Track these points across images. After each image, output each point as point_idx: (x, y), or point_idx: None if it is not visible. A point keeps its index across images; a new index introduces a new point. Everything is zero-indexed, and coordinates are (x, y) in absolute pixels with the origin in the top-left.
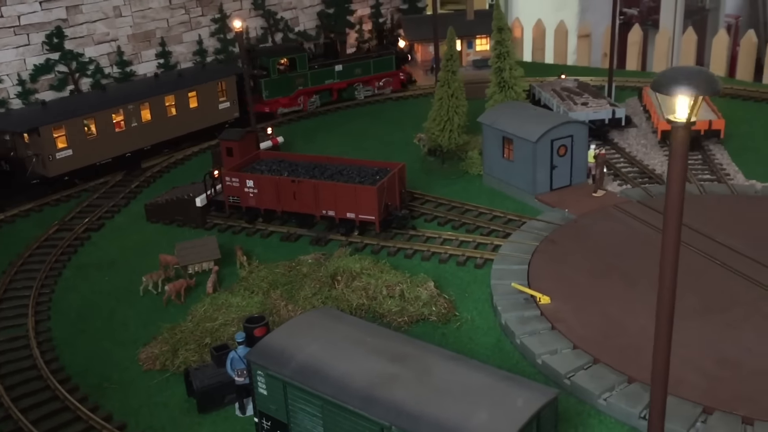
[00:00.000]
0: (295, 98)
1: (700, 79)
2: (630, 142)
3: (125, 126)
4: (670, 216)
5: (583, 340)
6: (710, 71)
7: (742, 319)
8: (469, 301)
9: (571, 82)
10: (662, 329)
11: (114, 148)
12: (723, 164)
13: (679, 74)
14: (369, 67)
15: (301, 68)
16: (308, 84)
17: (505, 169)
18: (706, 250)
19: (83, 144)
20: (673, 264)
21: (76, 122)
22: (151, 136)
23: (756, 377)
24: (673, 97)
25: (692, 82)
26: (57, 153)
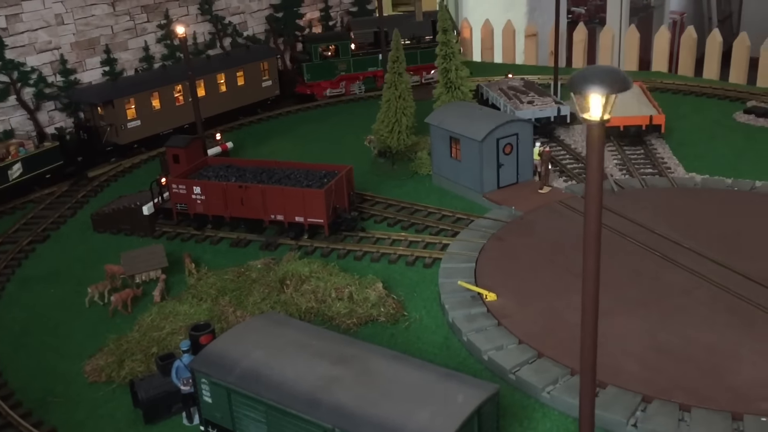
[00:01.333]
0: (337, 83)
1: (611, 78)
2: (575, 139)
3: (183, 101)
4: (590, 209)
5: (528, 335)
6: (621, 70)
7: (680, 308)
8: (418, 300)
9: (517, 81)
10: (588, 325)
11: (174, 120)
12: (664, 158)
13: (591, 74)
14: (415, 57)
15: (343, 55)
16: (350, 70)
17: (453, 168)
18: (646, 243)
19: (149, 115)
20: (595, 254)
21: (144, 96)
22: (205, 110)
23: (693, 364)
24: (587, 96)
25: (603, 81)
26: (128, 123)
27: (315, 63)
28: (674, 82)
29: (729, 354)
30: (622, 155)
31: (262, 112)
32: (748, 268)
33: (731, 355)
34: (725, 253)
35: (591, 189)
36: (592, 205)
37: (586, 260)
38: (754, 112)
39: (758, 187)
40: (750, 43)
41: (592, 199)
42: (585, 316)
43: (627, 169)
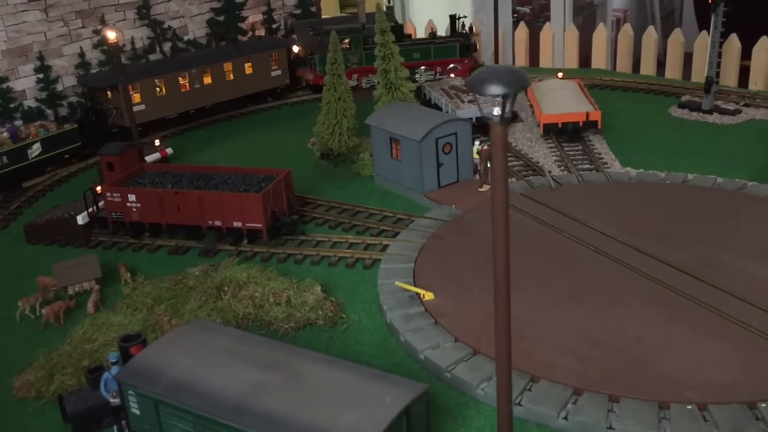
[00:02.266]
0: (348, 75)
1: (510, 77)
2: (516, 137)
3: (189, 87)
4: (497, 206)
5: (464, 333)
6: (520, 69)
7: (613, 300)
8: (357, 302)
9: (459, 80)
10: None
11: (180, 105)
12: (601, 153)
13: (490, 74)
14: (429, 52)
15: (355, 48)
16: (362, 63)
17: (394, 169)
18: (582, 237)
19: (154, 100)
20: (504, 251)
21: (149, 82)
22: (212, 97)
23: (622, 356)
24: (487, 96)
25: (502, 80)
26: (133, 107)
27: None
28: (612, 78)
29: (658, 344)
30: (561, 152)
31: (273, 101)
32: (677, 258)
33: (660, 345)
34: (656, 245)
35: (496, 185)
36: (498, 200)
37: (495, 257)
38: (687, 107)
39: (690, 179)
40: (684, 39)
41: (498, 196)
42: (497, 314)
43: (565, 165)
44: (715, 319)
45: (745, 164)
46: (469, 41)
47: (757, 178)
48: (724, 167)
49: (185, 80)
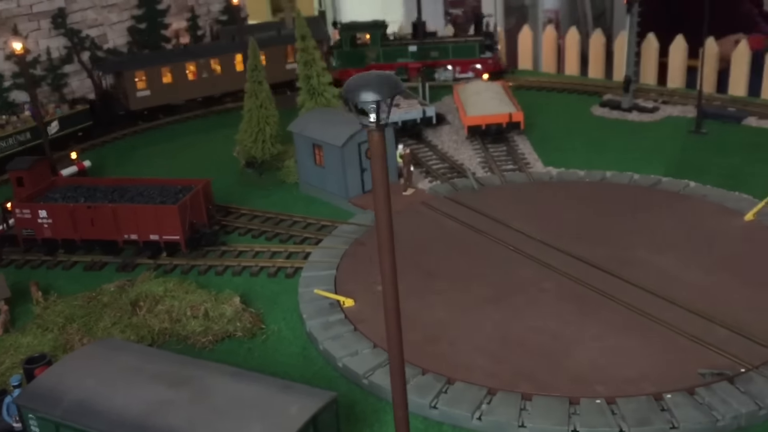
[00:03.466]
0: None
1: (382, 84)
2: (443, 139)
3: (197, 76)
4: (380, 212)
5: (383, 338)
6: (392, 75)
7: (529, 300)
8: (278, 311)
9: None
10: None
11: (186, 93)
12: (525, 154)
13: (363, 81)
14: (447, 51)
15: (373, 44)
16: (380, 60)
17: (318, 175)
18: (502, 238)
19: (159, 87)
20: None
21: (153, 70)
22: (219, 87)
23: (537, 354)
24: (362, 102)
25: (374, 87)
26: (137, 92)
27: (345, 50)
28: (538, 79)
29: (572, 341)
30: (486, 153)
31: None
32: (593, 255)
33: (574, 342)
34: (574, 243)
35: (378, 189)
36: (381, 202)
37: (382, 260)
38: (608, 105)
39: (608, 177)
40: (605, 39)
41: (379, 200)
42: (388, 324)
43: (489, 166)
44: (627, 314)
45: (661, 160)
46: (490, 41)
47: (672, 174)
48: (642, 164)
49: (193, 69)
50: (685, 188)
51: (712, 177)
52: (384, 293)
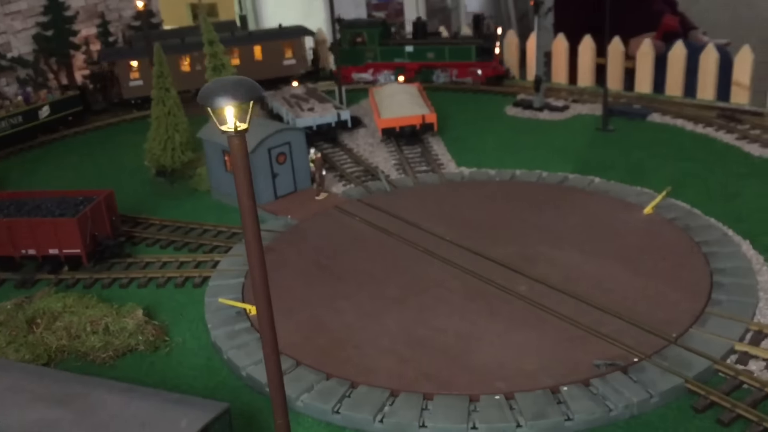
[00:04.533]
0: (365, 69)
1: (238, 88)
2: (358, 143)
3: (191, 69)
4: (246, 222)
5: (288, 344)
6: (249, 80)
7: (436, 299)
8: (184, 323)
9: (300, 89)
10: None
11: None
12: (438, 155)
13: (219, 86)
14: (443, 53)
15: (371, 43)
16: (377, 59)
17: (229, 182)
18: (412, 239)
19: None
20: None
21: (146, 61)
22: None
23: (440, 354)
24: (219, 108)
25: (229, 92)
26: (130, 82)
27: (344, 48)
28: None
29: (475, 338)
30: (400, 155)
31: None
32: (500, 253)
33: (477, 339)
34: (482, 242)
35: (242, 200)
36: (247, 214)
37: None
38: (521, 105)
39: (518, 175)
40: (518, 40)
41: (246, 212)
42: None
43: (403, 168)
44: (529, 310)
45: (570, 157)
46: (488, 44)
47: (579, 171)
48: (551, 161)
49: (186, 62)
50: (590, 184)
51: (617, 172)
52: (257, 304)
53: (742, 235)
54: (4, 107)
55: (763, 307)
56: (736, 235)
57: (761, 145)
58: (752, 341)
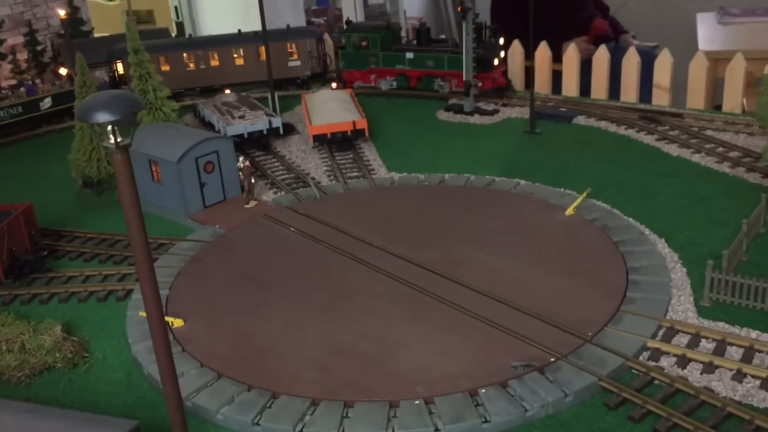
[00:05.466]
0: (367, 75)
1: (117, 102)
2: (291, 149)
3: (195, 67)
4: (134, 236)
5: (211, 357)
6: (131, 93)
7: (361, 306)
8: (105, 338)
9: (232, 96)
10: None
11: (183, 82)
12: (370, 160)
13: (97, 102)
14: (442, 61)
15: (373, 48)
16: (379, 64)
17: (156, 192)
18: (339, 245)
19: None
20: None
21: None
22: (218, 78)
23: (362, 360)
24: (98, 123)
25: (109, 107)
26: None
27: (349, 51)
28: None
29: (398, 344)
30: (332, 161)
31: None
32: (426, 257)
33: (398, 345)
34: (409, 247)
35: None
36: (133, 228)
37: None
38: (452, 110)
39: (447, 179)
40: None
41: (132, 225)
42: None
43: (334, 174)
44: (452, 313)
45: (498, 160)
46: (487, 54)
47: (507, 173)
48: (480, 165)
49: (191, 60)
50: (516, 187)
51: (543, 175)
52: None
53: (659, 233)
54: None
55: (675, 304)
56: (653, 234)
57: (679, 146)
58: (664, 338)
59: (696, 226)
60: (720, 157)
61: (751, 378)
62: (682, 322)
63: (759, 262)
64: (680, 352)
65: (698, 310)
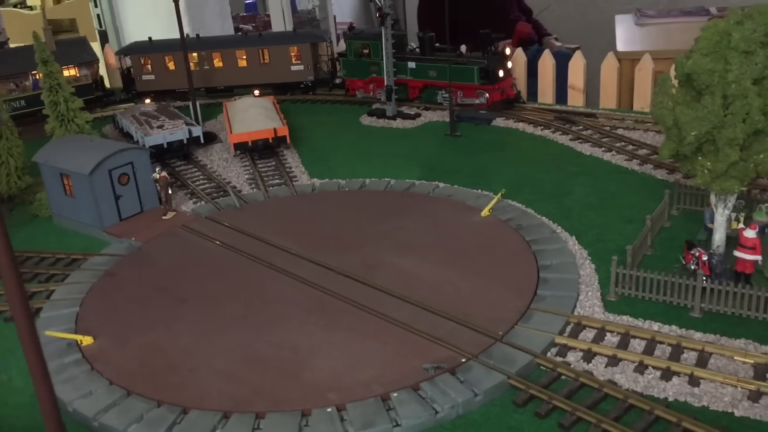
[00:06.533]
0: (367, 84)
1: None
2: (213, 158)
3: (198, 67)
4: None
5: (120, 374)
6: None
7: (277, 315)
8: (12, 359)
9: (151, 106)
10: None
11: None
12: (293, 167)
13: None
14: (444, 72)
15: (374, 56)
16: (381, 73)
17: (70, 206)
18: (258, 255)
19: (163, 73)
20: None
21: (157, 56)
22: (221, 80)
23: (276, 370)
24: None
25: None
26: (143, 75)
27: (350, 59)
28: (312, 93)
29: (312, 352)
30: (254, 169)
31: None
32: (344, 264)
33: (314, 353)
34: (328, 253)
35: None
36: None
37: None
38: (375, 114)
39: (367, 184)
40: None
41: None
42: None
43: (256, 182)
44: (368, 319)
45: (419, 164)
46: (492, 66)
47: (427, 176)
48: (401, 168)
49: (194, 61)
50: (435, 190)
51: (462, 177)
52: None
53: (569, 231)
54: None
55: (583, 300)
56: (564, 232)
57: (592, 145)
58: (571, 334)
59: (605, 223)
60: (630, 155)
61: (653, 369)
62: (589, 318)
63: (663, 256)
64: (586, 346)
65: (605, 305)
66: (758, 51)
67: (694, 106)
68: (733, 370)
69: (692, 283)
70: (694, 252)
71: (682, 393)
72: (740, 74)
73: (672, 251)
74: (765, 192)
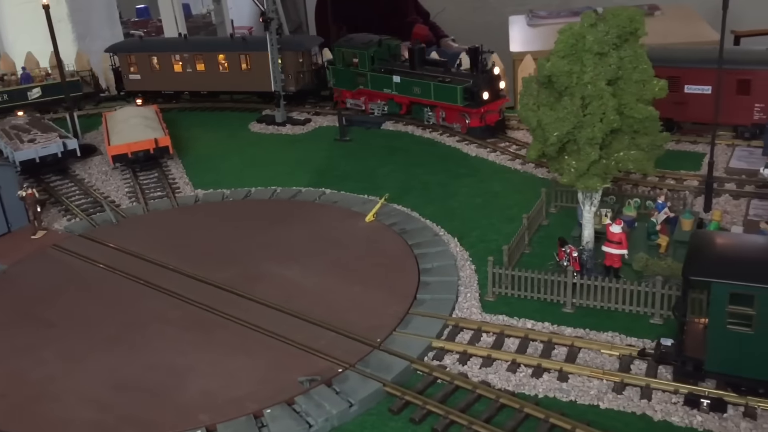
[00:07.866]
0: (357, 95)
1: None
2: (91, 172)
3: (182, 69)
4: None
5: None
6: None
7: (151, 335)
8: None
9: (23, 119)
10: None
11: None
12: (176, 179)
13: None
14: (429, 90)
15: (362, 66)
16: (368, 86)
17: None
18: (135, 272)
19: (149, 74)
20: None
21: (142, 56)
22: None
23: (149, 393)
24: None
25: None
26: (129, 75)
27: (339, 68)
28: (199, 100)
29: (186, 372)
30: (135, 182)
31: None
32: (224, 277)
33: (187, 373)
34: (207, 267)
35: None
36: None
37: None
38: (264, 121)
39: (253, 193)
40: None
41: None
42: None
43: (136, 196)
44: (246, 333)
45: (307, 171)
46: (476, 86)
47: (315, 182)
48: (289, 176)
49: (178, 62)
50: (321, 196)
51: (351, 182)
52: None
53: (452, 233)
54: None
55: (462, 302)
56: (447, 234)
57: (477, 146)
58: (449, 336)
59: (488, 223)
60: (512, 155)
61: (524, 367)
62: (467, 319)
63: (541, 254)
64: (462, 348)
65: (482, 306)
66: (611, 52)
67: (556, 107)
68: (600, 364)
69: (563, 279)
70: (566, 249)
71: (552, 389)
72: (595, 75)
73: (549, 249)
74: (635, 188)
